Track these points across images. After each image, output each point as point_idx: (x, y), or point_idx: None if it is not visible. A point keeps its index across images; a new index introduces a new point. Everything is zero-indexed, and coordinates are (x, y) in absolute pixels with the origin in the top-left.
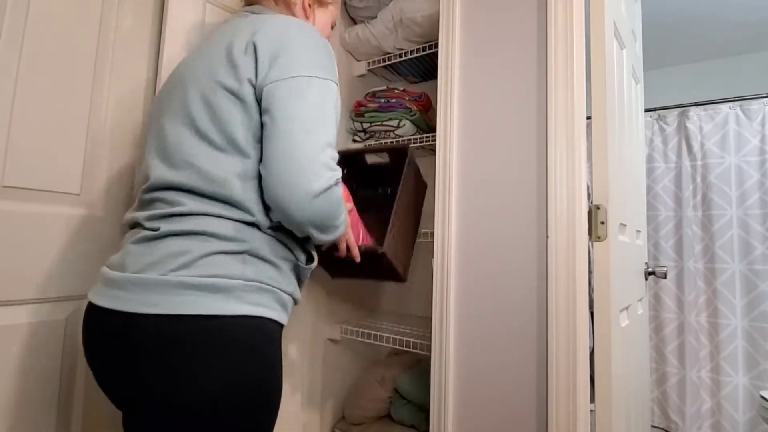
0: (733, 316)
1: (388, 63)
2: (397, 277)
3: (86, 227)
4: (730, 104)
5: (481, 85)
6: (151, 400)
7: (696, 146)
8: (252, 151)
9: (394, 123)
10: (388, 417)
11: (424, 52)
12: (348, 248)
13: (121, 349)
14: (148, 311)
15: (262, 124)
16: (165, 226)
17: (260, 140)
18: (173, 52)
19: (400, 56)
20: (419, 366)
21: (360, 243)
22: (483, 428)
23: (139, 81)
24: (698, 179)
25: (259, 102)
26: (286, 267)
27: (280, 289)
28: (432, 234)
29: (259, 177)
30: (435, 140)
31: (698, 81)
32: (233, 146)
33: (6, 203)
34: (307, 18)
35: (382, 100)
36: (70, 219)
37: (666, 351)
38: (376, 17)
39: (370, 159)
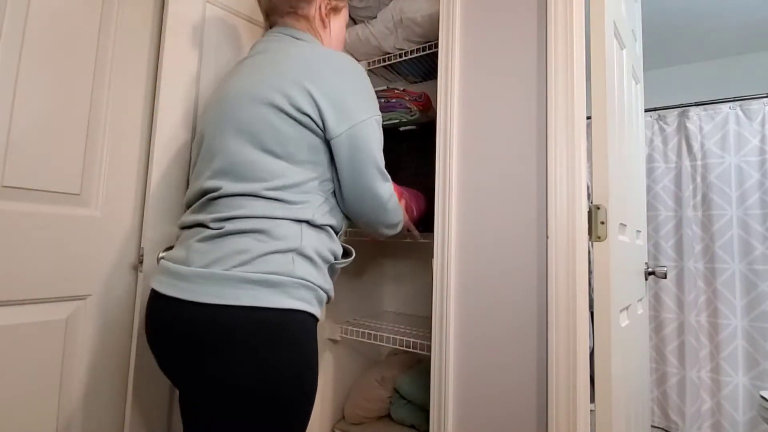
0: (733, 316)
1: (388, 63)
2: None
3: (86, 227)
4: (730, 104)
5: (481, 85)
6: (207, 381)
7: (696, 146)
8: (313, 164)
9: (394, 123)
10: (388, 417)
11: (424, 52)
12: (408, 230)
13: (185, 334)
14: (213, 301)
15: (326, 143)
16: (228, 226)
17: (320, 156)
18: (173, 52)
19: (400, 56)
20: (419, 366)
21: (417, 214)
22: (483, 428)
23: (140, 81)
24: (698, 179)
25: (322, 131)
26: (323, 266)
27: (319, 287)
28: (432, 234)
29: (316, 185)
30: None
31: (698, 81)
32: (295, 159)
33: (6, 203)
34: (324, 27)
35: (382, 100)
36: (70, 219)
37: (666, 351)
38: (376, 17)
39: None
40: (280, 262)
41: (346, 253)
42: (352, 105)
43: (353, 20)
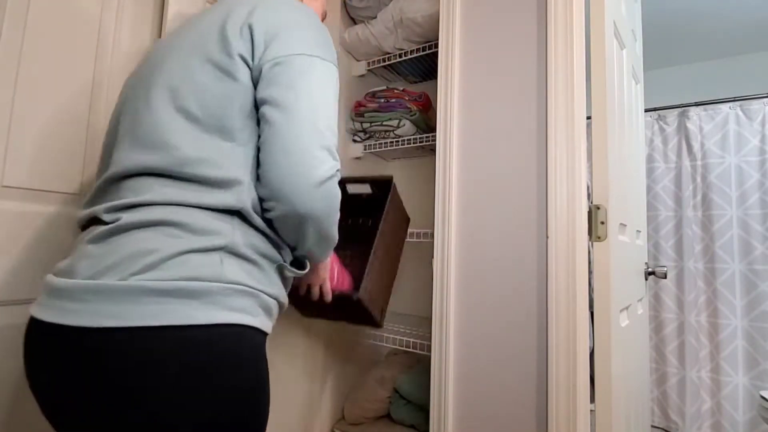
0: (733, 316)
1: (388, 63)
2: (373, 321)
3: None
4: (730, 104)
5: (481, 85)
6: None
7: (696, 146)
8: (241, 132)
9: (394, 123)
10: (388, 417)
11: (424, 52)
12: (321, 291)
13: (76, 373)
14: (108, 324)
15: (257, 107)
16: (127, 217)
17: (251, 123)
18: None
19: (400, 56)
20: (419, 366)
21: (335, 286)
22: (483, 428)
23: None
24: (698, 179)
25: (255, 84)
26: (268, 266)
27: (263, 292)
28: (432, 234)
29: (251, 162)
30: (435, 140)
31: (698, 81)
32: (219, 125)
33: (6, 203)
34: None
35: (382, 100)
36: (70, 219)
37: (666, 351)
38: (376, 17)
39: (352, 189)
40: (203, 263)
41: (298, 264)
42: (295, 35)
43: (353, 20)
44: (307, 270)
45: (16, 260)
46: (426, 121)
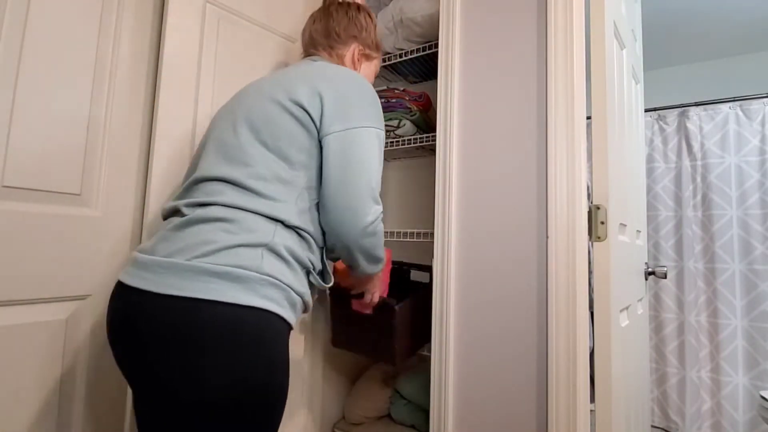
0: (733, 316)
1: (388, 63)
2: (392, 354)
3: (86, 227)
4: (730, 104)
5: (481, 85)
6: (161, 386)
7: (696, 146)
8: (302, 166)
9: (395, 123)
10: (388, 417)
11: (424, 52)
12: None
13: (147, 325)
14: (171, 293)
15: (321, 156)
16: (199, 212)
17: (312, 162)
18: (173, 53)
19: (400, 56)
20: (419, 366)
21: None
22: (483, 428)
23: (140, 80)
24: (698, 179)
25: (319, 140)
26: (299, 269)
27: (292, 288)
28: (432, 234)
29: (305, 189)
30: (435, 140)
31: (698, 81)
32: (284, 155)
33: (6, 203)
34: (354, 69)
35: (382, 100)
36: (70, 219)
37: (666, 351)
38: (376, 17)
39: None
40: (248, 256)
41: (324, 277)
42: (356, 110)
43: None
44: (330, 283)
45: (16, 260)
46: (426, 121)
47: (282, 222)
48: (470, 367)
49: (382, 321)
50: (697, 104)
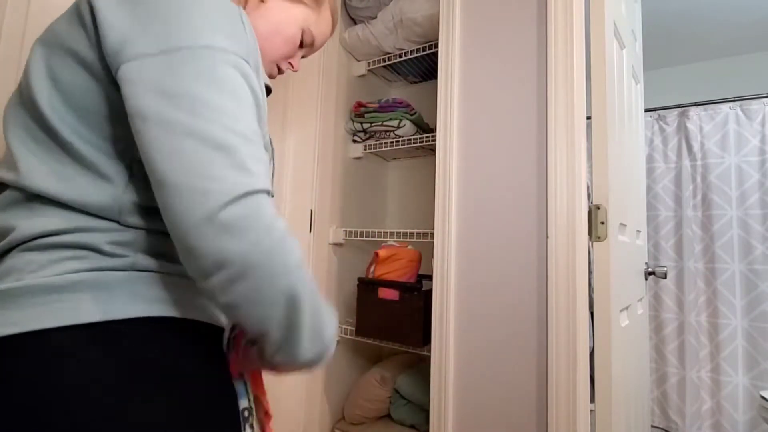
0: (733, 316)
1: (388, 63)
2: (419, 337)
3: None
4: (730, 104)
5: (481, 85)
6: None
7: (696, 146)
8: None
9: (395, 123)
10: (388, 417)
11: (424, 52)
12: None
13: None
14: (7, 332)
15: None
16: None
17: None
18: None
19: (400, 56)
20: (419, 366)
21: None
22: (483, 428)
23: None
24: (698, 179)
25: (114, 82)
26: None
27: (186, 277)
28: (432, 234)
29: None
30: (435, 140)
31: (698, 81)
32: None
33: None
34: (261, 2)
35: (382, 100)
36: None
37: (666, 351)
38: (376, 17)
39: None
40: (102, 257)
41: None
42: (176, 18)
43: (353, 20)
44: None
45: None
46: (426, 121)
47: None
48: (470, 367)
49: (412, 305)
50: (697, 104)
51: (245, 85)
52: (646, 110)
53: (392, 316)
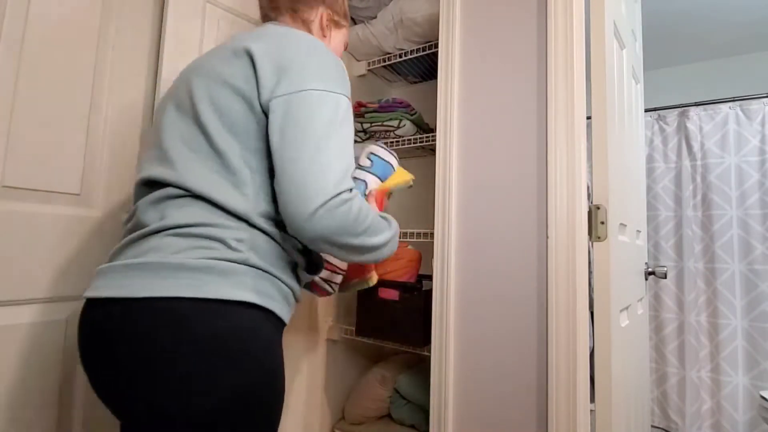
0: (733, 316)
1: (388, 63)
2: (420, 336)
3: (86, 227)
4: (730, 104)
5: (481, 85)
6: (144, 407)
7: (696, 146)
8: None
9: (395, 123)
10: (388, 417)
11: (424, 52)
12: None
13: (116, 341)
14: (146, 294)
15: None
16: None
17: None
18: (173, 53)
19: (400, 56)
20: (419, 366)
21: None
22: (483, 428)
23: (140, 80)
24: (698, 179)
25: (265, 112)
26: (285, 262)
27: (282, 281)
28: (432, 234)
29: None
30: (435, 140)
31: (698, 81)
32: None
33: (6, 203)
34: (324, 37)
35: (382, 100)
36: (70, 219)
37: (666, 351)
38: (376, 17)
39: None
40: (229, 249)
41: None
42: (302, 70)
43: (353, 20)
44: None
45: (15, 260)
46: (426, 121)
47: (254, 225)
48: (470, 367)
49: (412, 305)
50: (697, 104)
51: (350, 117)
52: (646, 110)
53: (392, 316)
